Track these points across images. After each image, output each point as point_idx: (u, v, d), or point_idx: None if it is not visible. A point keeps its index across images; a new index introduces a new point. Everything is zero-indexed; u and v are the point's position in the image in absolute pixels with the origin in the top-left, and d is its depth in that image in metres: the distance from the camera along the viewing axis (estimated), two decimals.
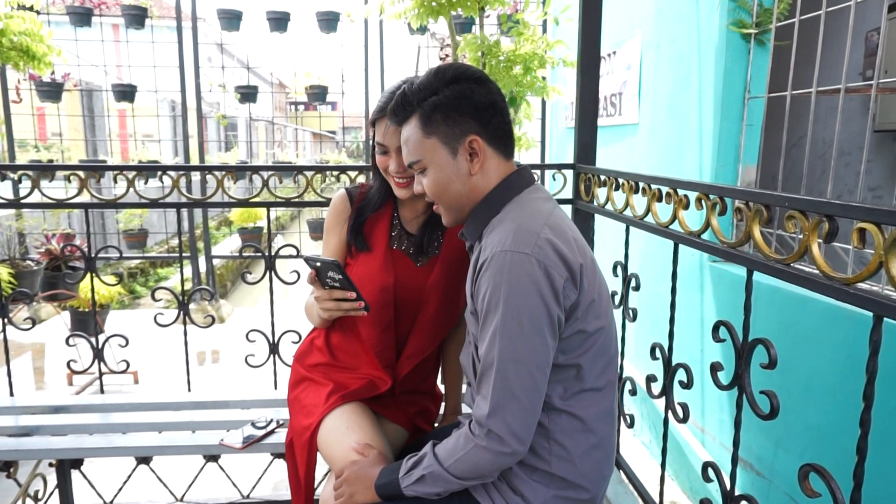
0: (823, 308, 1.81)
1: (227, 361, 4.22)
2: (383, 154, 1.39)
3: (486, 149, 1.13)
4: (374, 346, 1.47)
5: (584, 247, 1.11)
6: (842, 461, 1.74)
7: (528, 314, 1.00)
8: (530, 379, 1.02)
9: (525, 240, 1.02)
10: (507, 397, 1.01)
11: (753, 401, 1.10)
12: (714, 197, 1.22)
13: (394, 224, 1.49)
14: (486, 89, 1.13)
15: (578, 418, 1.10)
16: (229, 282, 9.18)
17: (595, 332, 1.09)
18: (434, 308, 1.46)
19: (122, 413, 1.86)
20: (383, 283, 1.44)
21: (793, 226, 0.98)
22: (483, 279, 1.05)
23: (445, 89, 1.12)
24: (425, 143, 1.13)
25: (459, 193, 1.16)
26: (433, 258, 1.49)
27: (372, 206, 1.49)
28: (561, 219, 1.12)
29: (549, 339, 1.03)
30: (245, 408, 1.91)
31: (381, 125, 1.37)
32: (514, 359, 1.01)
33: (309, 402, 1.48)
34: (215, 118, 6.54)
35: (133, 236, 5.60)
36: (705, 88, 2.39)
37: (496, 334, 1.02)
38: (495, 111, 1.13)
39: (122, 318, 5.05)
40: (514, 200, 1.14)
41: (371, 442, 1.36)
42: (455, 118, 1.11)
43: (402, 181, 1.38)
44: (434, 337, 1.51)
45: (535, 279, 1.00)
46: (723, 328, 1.19)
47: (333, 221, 1.51)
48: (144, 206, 1.95)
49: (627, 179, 1.64)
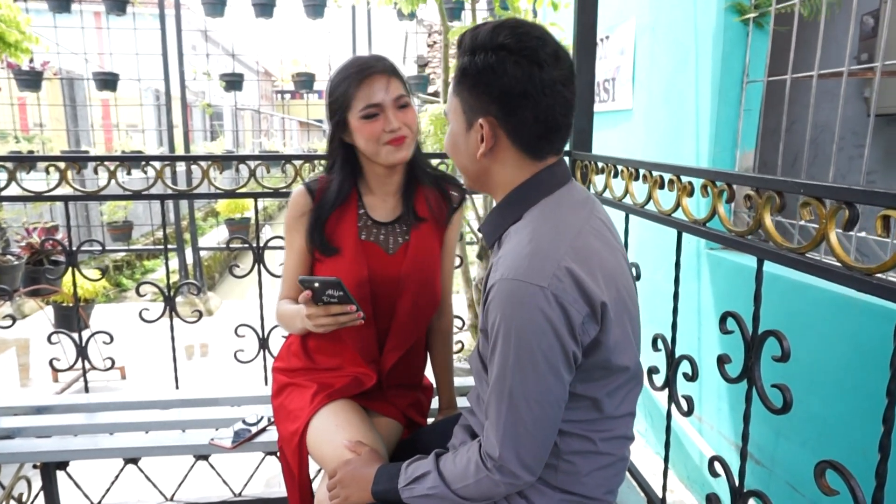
0: (826, 297, 1.78)
1: (217, 355, 4.16)
2: (373, 118, 1.30)
3: (503, 140, 0.98)
4: (356, 344, 1.42)
5: (612, 275, 0.96)
6: (847, 451, 1.73)
7: (543, 353, 0.90)
8: (544, 415, 0.94)
9: (542, 268, 0.89)
10: (519, 433, 0.94)
11: (765, 395, 1.07)
12: (721, 184, 1.17)
13: (360, 215, 1.43)
14: (526, 72, 0.92)
15: (591, 440, 1.03)
16: (217, 273, 9.07)
17: (619, 370, 1.00)
18: (412, 296, 1.41)
19: (109, 413, 1.80)
20: (358, 277, 1.38)
21: (808, 213, 0.94)
22: (493, 306, 0.93)
23: (482, 54, 0.95)
24: (452, 99, 1.03)
25: (467, 168, 1.05)
26: (404, 244, 1.43)
27: (332, 204, 1.39)
28: (592, 235, 0.98)
29: (564, 375, 0.93)
30: (235, 405, 1.85)
31: (368, 86, 1.30)
32: (526, 396, 0.92)
33: (294, 407, 1.43)
34: (200, 107, 6.42)
35: (117, 228, 5.49)
36: (702, 72, 2.35)
37: (507, 369, 0.92)
38: (527, 103, 0.93)
39: (108, 312, 4.95)
40: (541, 205, 1.00)
41: (363, 438, 1.31)
42: (479, 92, 0.96)
43: (397, 139, 1.31)
44: (415, 326, 1.46)
45: (549, 315, 0.88)
46: (730, 319, 1.15)
47: (295, 220, 1.42)
48: (127, 198, 1.88)
49: (626, 166, 1.59)
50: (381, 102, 1.30)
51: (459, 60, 1.00)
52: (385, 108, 1.31)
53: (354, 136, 1.34)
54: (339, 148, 1.39)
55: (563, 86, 0.95)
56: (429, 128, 2.71)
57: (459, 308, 3.75)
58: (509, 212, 1.02)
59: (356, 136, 1.33)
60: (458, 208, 1.52)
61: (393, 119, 1.31)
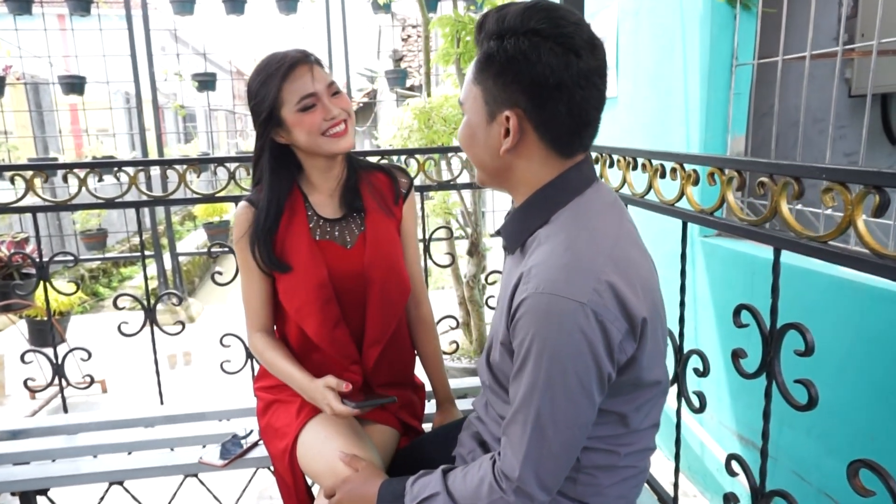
0: (827, 281, 1.74)
1: (201, 363, 4.05)
2: (311, 109, 1.25)
3: (530, 134, 0.89)
4: (330, 347, 1.35)
5: (649, 285, 0.89)
6: (853, 437, 1.70)
7: (578, 375, 0.83)
8: (571, 438, 0.88)
9: (581, 282, 0.81)
10: (543, 455, 0.87)
11: (786, 391, 1.02)
12: (730, 171, 1.12)
13: (309, 216, 1.36)
14: (562, 61, 0.83)
15: (616, 454, 0.97)
16: (197, 278, 8.89)
17: (651, 384, 0.94)
18: (379, 286, 1.36)
19: (90, 433, 1.70)
20: (318, 279, 1.31)
21: (831, 199, 0.89)
22: (524, 322, 0.84)
23: (512, 39, 0.84)
24: (471, 88, 0.93)
25: (486, 164, 0.96)
26: (361, 235, 1.37)
27: (275, 214, 1.32)
28: (629, 241, 0.91)
29: (596, 397, 0.86)
30: (224, 419, 1.77)
31: (297, 78, 1.25)
32: (554, 420, 0.85)
33: (281, 424, 1.37)
34: (173, 108, 6.26)
35: (92, 237, 5.33)
36: (690, 57, 2.30)
37: (535, 390, 0.85)
38: (560, 95, 0.84)
39: (86, 324, 4.81)
40: (571, 207, 0.91)
41: (356, 449, 1.25)
42: (505, 81, 0.87)
43: (338, 129, 1.27)
44: (390, 316, 1.40)
45: (588, 335, 0.81)
46: (745, 312, 1.10)
47: (245, 239, 1.34)
48: (99, 206, 1.78)
49: (623, 155, 1.54)
50: (316, 92, 1.25)
51: (483, 45, 0.89)
52: (320, 96, 1.26)
53: (292, 132, 1.27)
54: (270, 151, 1.32)
55: (598, 77, 0.87)
56: (413, 122, 2.63)
57: (450, 306, 3.71)
58: (535, 214, 0.94)
59: (295, 132, 1.27)
60: (408, 193, 1.47)
61: (331, 106, 1.26)
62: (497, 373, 1.04)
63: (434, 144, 2.60)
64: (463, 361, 3.13)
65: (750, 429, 2.09)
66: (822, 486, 1.79)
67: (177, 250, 5.63)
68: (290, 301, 1.35)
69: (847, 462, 0.87)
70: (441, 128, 2.53)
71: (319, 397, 1.24)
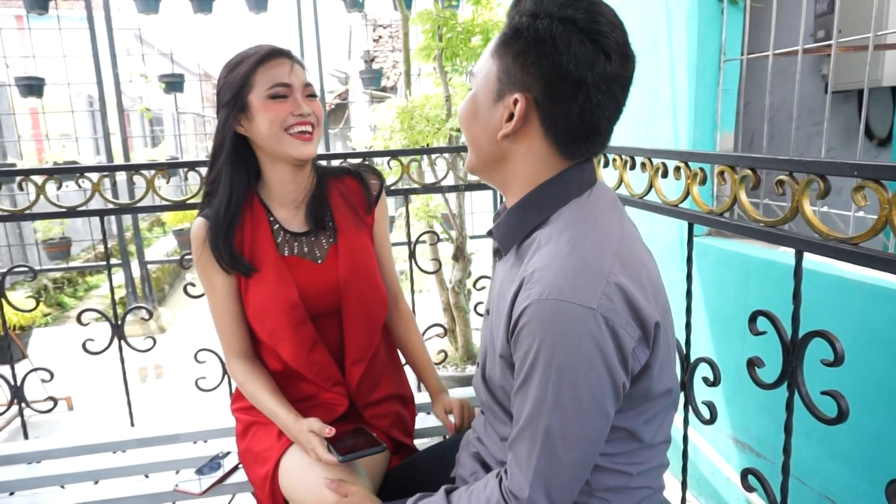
0: (825, 280, 1.70)
1: (173, 376, 3.89)
2: (281, 99, 1.17)
3: (534, 126, 0.83)
4: (308, 371, 1.26)
5: (658, 287, 0.85)
6: (857, 440, 1.66)
7: (590, 388, 0.77)
8: (583, 455, 0.81)
9: (589, 286, 0.76)
10: (553, 474, 0.80)
11: (811, 402, 0.96)
12: (743, 169, 1.06)
13: (274, 231, 1.26)
14: (590, 57, 0.77)
15: (627, 474, 0.91)
16: (167, 285, 8.64)
17: (661, 394, 0.87)
18: (357, 301, 1.27)
19: (54, 461, 1.57)
20: (287, 301, 1.22)
21: (862, 198, 0.83)
22: (528, 331, 0.78)
23: (546, 20, 0.78)
24: (488, 60, 0.86)
25: (482, 147, 0.90)
26: (332, 248, 1.28)
27: (230, 212, 1.22)
28: (633, 241, 0.86)
29: (610, 411, 0.80)
30: (201, 440, 1.66)
31: (274, 66, 1.17)
32: (565, 436, 0.79)
33: (261, 448, 1.27)
34: (138, 111, 6.06)
35: (54, 246, 5.10)
36: (677, 53, 2.26)
37: (544, 404, 0.78)
38: (577, 93, 0.79)
39: (49, 337, 4.60)
40: (572, 206, 0.86)
41: (343, 474, 1.15)
42: (527, 61, 0.80)
43: (304, 129, 1.18)
44: (370, 331, 1.31)
45: (600, 343, 0.75)
46: (762, 318, 1.03)
47: (206, 257, 1.24)
48: (59, 216, 1.65)
49: (619, 154, 1.48)
50: (290, 83, 1.17)
51: (514, 19, 0.82)
52: (295, 90, 1.18)
53: (255, 119, 1.17)
54: (232, 145, 1.22)
55: (621, 88, 0.82)
56: (395, 122, 2.54)
57: (436, 313, 3.61)
58: (532, 212, 0.87)
59: (257, 120, 1.17)
60: (379, 195, 1.38)
61: (303, 103, 1.18)
62: (496, 390, 0.96)
63: (417, 145, 2.51)
64: (449, 369, 3.04)
65: (746, 433, 2.05)
66: (824, 490, 1.75)
67: (145, 258, 5.44)
68: (261, 325, 1.26)
69: (851, 465, 0.81)
70: (424, 127, 2.44)
71: (304, 441, 1.16)
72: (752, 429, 2.03)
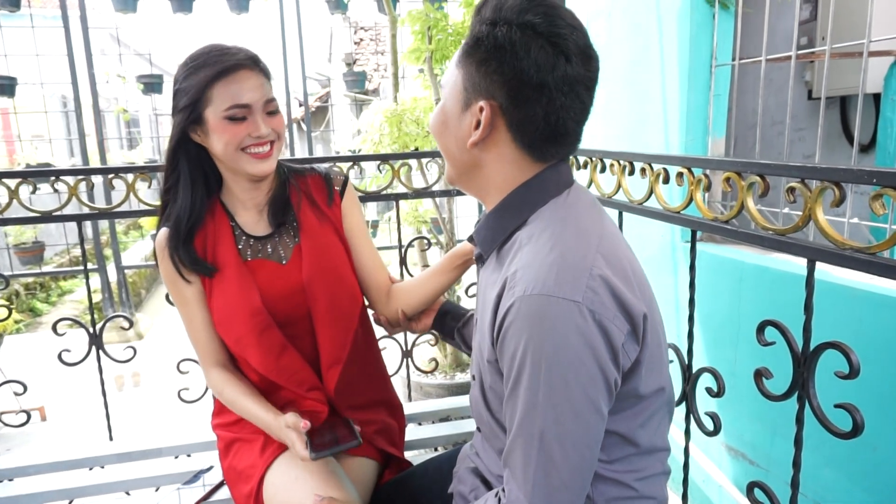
0: (822, 286, 1.68)
1: (152, 384, 3.78)
2: (238, 121, 1.11)
3: (502, 132, 0.84)
4: (279, 377, 1.22)
5: (643, 279, 0.84)
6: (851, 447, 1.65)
7: (581, 386, 0.74)
8: (581, 460, 0.78)
9: (572, 279, 0.75)
10: (552, 483, 0.77)
11: (823, 415, 0.93)
12: (751, 175, 1.03)
13: (237, 236, 1.23)
14: (550, 61, 0.78)
15: (628, 486, 0.87)
16: (144, 290, 8.46)
17: (652, 393, 0.85)
18: (326, 299, 1.23)
19: (27, 479, 1.50)
20: (250, 306, 1.18)
21: (881, 206, 0.80)
22: (513, 331, 0.77)
23: (505, 27, 0.79)
24: (453, 71, 0.87)
25: (454, 156, 0.90)
26: (296, 247, 1.24)
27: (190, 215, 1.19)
28: (614, 239, 0.85)
29: (604, 410, 0.78)
30: (183, 454, 1.59)
31: (235, 81, 1.10)
32: (560, 439, 0.76)
33: (244, 465, 1.23)
34: (115, 113, 5.92)
35: (27, 251, 4.96)
36: (668, 58, 2.24)
37: (536, 407, 0.75)
38: (540, 97, 0.79)
39: (22, 345, 4.46)
40: (550, 206, 0.86)
41: (332, 489, 1.11)
42: (489, 70, 0.81)
43: (261, 151, 1.13)
44: (343, 330, 1.27)
45: (589, 338, 0.73)
46: (770, 328, 1.01)
47: (172, 267, 1.20)
48: (35, 220, 1.58)
49: (617, 160, 1.45)
50: (250, 104, 1.11)
51: (475, 28, 0.83)
52: (254, 111, 1.12)
53: (209, 136, 1.13)
54: (186, 150, 1.17)
55: (585, 89, 0.82)
56: (383, 126, 2.49)
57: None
58: (511, 215, 0.87)
59: (212, 138, 1.13)
60: (344, 189, 1.33)
61: (262, 124, 1.12)
62: (489, 402, 0.93)
63: (407, 148, 2.47)
64: (438, 377, 2.99)
65: (739, 440, 2.04)
66: (819, 497, 1.74)
67: (122, 263, 5.30)
68: (227, 333, 1.22)
69: (846, 473, 0.79)
70: (414, 130, 2.40)
71: (284, 438, 1.12)
72: (746, 436, 2.02)
